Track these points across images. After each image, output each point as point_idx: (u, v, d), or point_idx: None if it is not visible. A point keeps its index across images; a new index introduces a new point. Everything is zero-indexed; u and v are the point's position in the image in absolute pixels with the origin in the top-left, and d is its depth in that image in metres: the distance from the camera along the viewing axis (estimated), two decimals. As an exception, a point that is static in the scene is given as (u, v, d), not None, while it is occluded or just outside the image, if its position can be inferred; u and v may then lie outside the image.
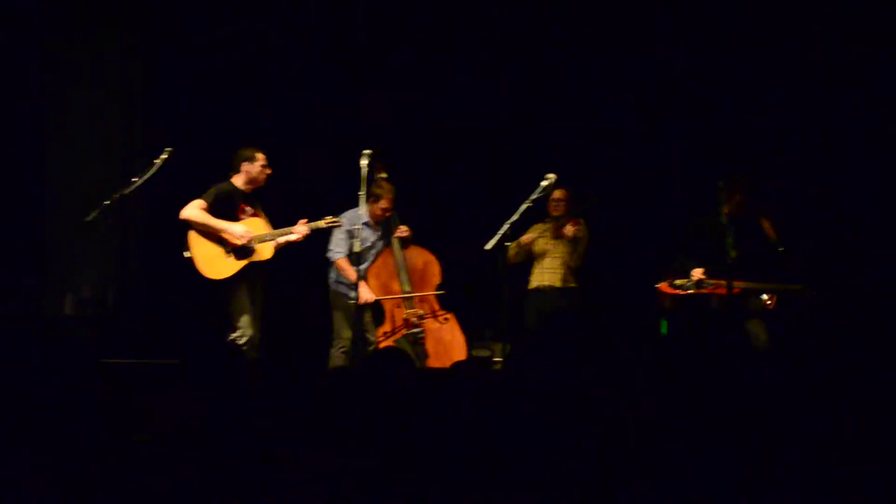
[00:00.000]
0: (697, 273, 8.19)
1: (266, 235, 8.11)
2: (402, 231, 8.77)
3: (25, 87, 9.84)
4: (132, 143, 9.98)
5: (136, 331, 9.09)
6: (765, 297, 8.12)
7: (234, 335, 8.01)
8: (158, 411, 4.06)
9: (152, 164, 8.28)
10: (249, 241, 8.01)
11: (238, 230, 8.00)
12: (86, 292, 9.18)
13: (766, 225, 8.29)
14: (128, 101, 10.10)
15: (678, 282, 8.24)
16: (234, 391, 4.21)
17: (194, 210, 7.98)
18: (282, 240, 8.16)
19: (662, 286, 8.29)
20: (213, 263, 8.01)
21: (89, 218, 8.18)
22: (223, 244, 8.03)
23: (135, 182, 8.31)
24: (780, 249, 8.18)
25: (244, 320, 8.04)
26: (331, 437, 3.91)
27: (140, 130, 10.03)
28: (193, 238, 8.02)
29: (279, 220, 8.26)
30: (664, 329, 8.46)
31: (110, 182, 9.08)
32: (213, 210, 8.00)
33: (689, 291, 8.19)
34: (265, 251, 8.11)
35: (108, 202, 8.18)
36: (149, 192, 8.89)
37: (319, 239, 8.52)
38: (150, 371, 6.29)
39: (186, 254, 8.00)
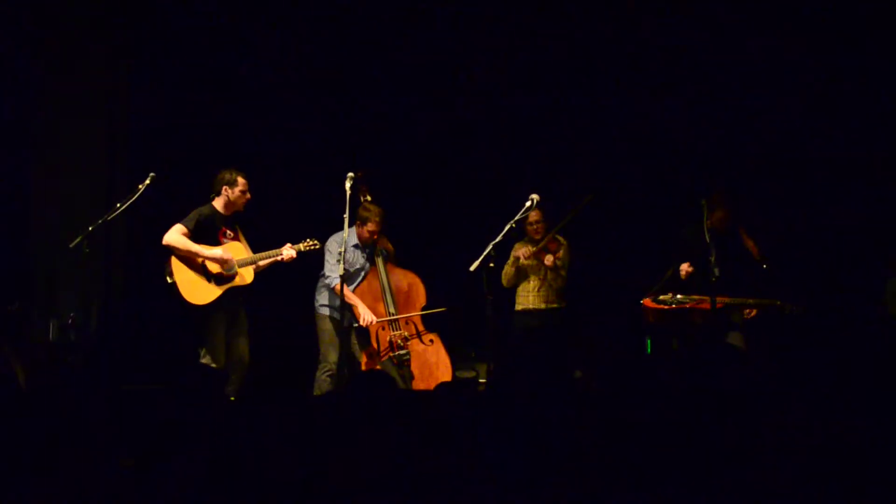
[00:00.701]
0: (685, 267, 8.27)
1: (247, 260, 8.10)
2: (385, 248, 8.80)
3: (10, 112, 9.83)
4: (116, 169, 9.96)
5: (119, 356, 9.05)
6: (746, 309, 8.17)
7: (206, 359, 8.01)
8: (143, 436, 4.04)
9: (136, 190, 8.26)
10: (231, 267, 7.99)
11: (219, 255, 7.99)
12: (69, 318, 9.14)
13: (747, 239, 8.33)
14: (112, 128, 10.09)
15: (662, 297, 8.27)
16: (218, 415, 4.20)
17: (176, 235, 7.95)
18: (262, 263, 8.15)
19: (646, 301, 8.31)
20: (195, 288, 7.98)
21: (73, 244, 8.17)
22: (204, 269, 8.02)
23: (118, 207, 8.29)
24: (765, 266, 8.21)
25: (217, 349, 8.02)
26: (319, 461, 3.90)
27: (124, 156, 10.01)
28: (175, 264, 7.99)
29: (260, 244, 8.26)
30: (649, 348, 8.49)
31: (94, 208, 9.08)
32: (194, 234, 7.98)
33: (673, 306, 8.21)
34: (246, 276, 8.11)
35: (91, 228, 8.17)
36: (132, 218, 8.90)
37: (301, 262, 8.49)
38: (134, 396, 6.26)
39: (169, 279, 7.97)
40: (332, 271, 8.50)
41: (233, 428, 4.15)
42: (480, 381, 9.01)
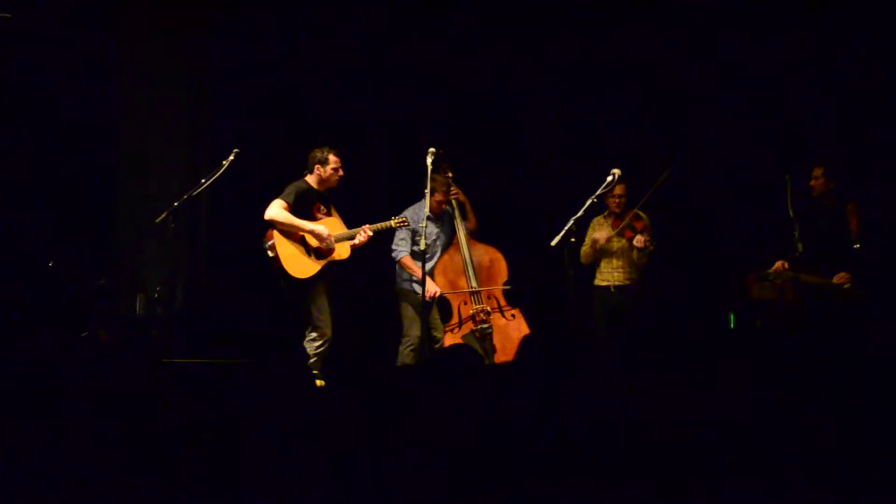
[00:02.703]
0: (778, 265, 8.22)
1: (343, 235, 8.16)
2: (469, 225, 8.82)
3: (96, 91, 9.94)
4: (200, 144, 10.06)
5: (204, 330, 9.16)
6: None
7: (312, 335, 8.07)
8: (225, 411, 4.09)
9: (220, 166, 8.36)
10: (330, 242, 8.05)
11: (321, 231, 8.05)
12: (156, 292, 9.27)
13: (852, 215, 8.18)
14: (195, 104, 10.18)
15: (764, 272, 8.25)
16: (304, 391, 4.24)
17: (279, 210, 7.99)
18: (356, 241, 8.19)
19: (751, 277, 8.30)
20: (297, 263, 8.03)
21: (159, 219, 8.30)
22: (304, 244, 8.07)
23: (203, 183, 8.40)
24: (856, 246, 8.07)
25: (324, 319, 8.08)
26: (399, 434, 3.92)
27: (208, 132, 10.10)
28: (277, 238, 8.01)
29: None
30: (732, 322, 8.42)
31: (179, 183, 9.20)
32: (292, 210, 8.03)
33: (777, 281, 8.18)
34: (343, 251, 8.15)
35: (176, 203, 8.29)
36: (217, 193, 9.00)
37: (384, 239, 8.54)
38: (217, 370, 6.34)
39: (270, 253, 8.01)
40: (399, 245, 8.63)
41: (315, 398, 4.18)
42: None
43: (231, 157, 8.34)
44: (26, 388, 4.25)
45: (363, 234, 8.19)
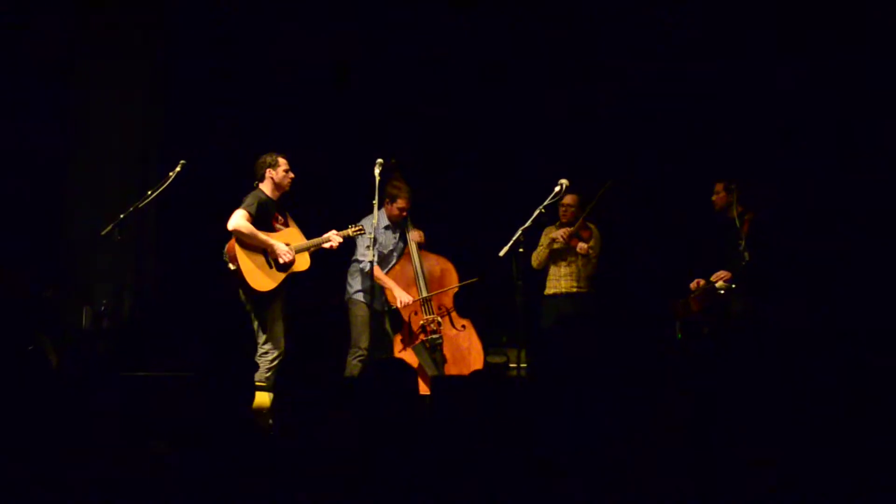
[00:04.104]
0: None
1: (302, 246, 8.10)
2: (416, 237, 8.81)
3: (46, 101, 9.89)
4: (148, 155, 10.01)
5: (151, 343, 9.11)
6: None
7: (266, 347, 7.96)
8: (173, 423, 4.07)
9: (167, 177, 8.31)
10: (292, 256, 7.98)
11: (282, 248, 7.94)
12: (102, 305, 9.20)
13: (746, 223, 8.33)
14: (145, 114, 10.14)
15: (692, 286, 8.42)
16: (246, 403, 4.22)
17: (243, 222, 7.81)
18: (313, 249, 8.15)
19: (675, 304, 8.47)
20: (259, 275, 7.89)
21: (105, 231, 8.22)
22: (265, 256, 7.93)
23: (149, 194, 8.34)
24: (743, 251, 8.20)
25: (279, 333, 7.99)
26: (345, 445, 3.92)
27: (156, 144, 10.06)
28: (240, 250, 7.85)
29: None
30: (679, 334, 8.50)
31: (126, 196, 9.14)
32: (253, 221, 7.88)
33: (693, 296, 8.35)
34: (303, 262, 8.08)
35: (122, 215, 8.22)
36: (163, 204, 8.95)
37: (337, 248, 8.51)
38: (165, 384, 6.30)
39: (232, 266, 7.87)
40: (366, 255, 8.50)
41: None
42: (511, 365, 9.02)
43: (178, 169, 8.26)
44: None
45: (335, 239, 8.16)
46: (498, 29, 10.10)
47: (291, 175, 8.13)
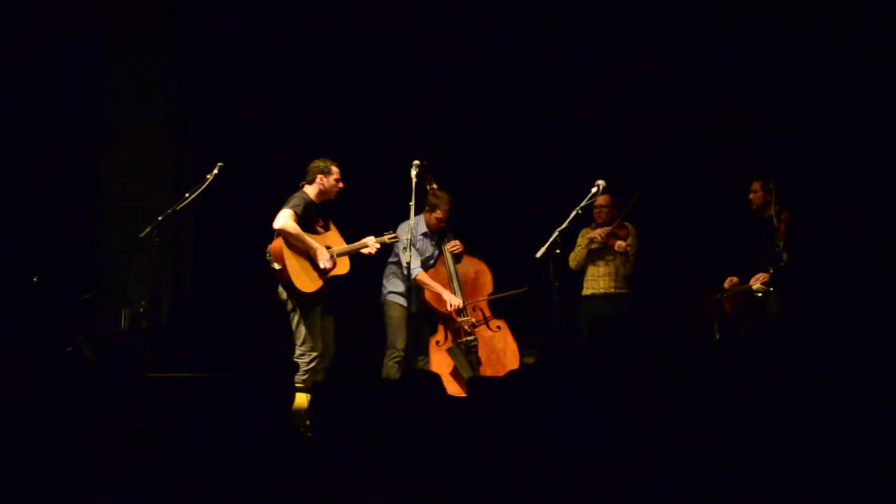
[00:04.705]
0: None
1: (344, 249, 8.10)
2: (455, 247, 8.79)
3: (78, 104, 9.94)
4: (184, 159, 10.06)
5: (189, 345, 9.13)
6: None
7: (303, 348, 7.97)
8: (211, 425, 4.08)
9: (204, 179, 8.34)
10: (334, 260, 7.99)
11: (324, 252, 7.93)
12: (140, 307, 9.24)
13: (783, 223, 8.29)
14: (179, 117, 10.18)
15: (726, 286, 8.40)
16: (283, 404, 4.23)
17: (290, 222, 7.80)
18: (351, 253, 8.15)
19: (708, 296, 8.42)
20: (304, 276, 7.89)
21: (143, 233, 8.27)
22: (309, 257, 7.94)
23: (187, 197, 8.38)
24: (781, 251, 8.16)
25: (317, 334, 7.99)
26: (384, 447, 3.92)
27: (191, 146, 10.10)
28: (286, 250, 7.83)
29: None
30: (717, 334, 8.46)
31: (163, 198, 9.18)
32: (298, 222, 7.88)
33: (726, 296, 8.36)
34: (343, 266, 8.09)
35: (160, 217, 8.26)
36: (201, 207, 8.98)
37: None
38: (201, 385, 6.32)
39: (277, 265, 7.85)
40: (413, 260, 8.40)
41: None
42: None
43: (215, 171, 8.31)
44: (11, 405, 4.24)
45: (373, 245, 8.16)
46: (530, 30, 10.07)
47: (341, 185, 8.11)
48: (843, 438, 3.91)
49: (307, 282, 7.92)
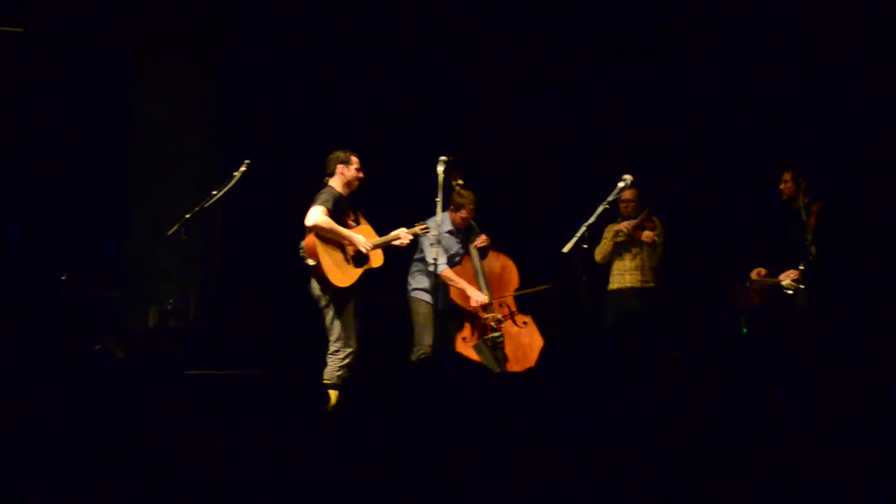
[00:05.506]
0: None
1: (376, 242, 8.10)
2: (482, 241, 8.79)
3: (106, 101, 9.99)
4: (211, 156, 10.09)
5: (217, 342, 9.17)
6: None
7: (337, 345, 7.95)
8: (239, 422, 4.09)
9: (231, 177, 8.37)
10: (369, 249, 7.99)
11: (361, 239, 7.95)
12: (169, 305, 9.27)
13: (814, 216, 8.26)
14: (207, 116, 10.22)
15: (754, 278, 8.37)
16: (315, 400, 4.24)
17: (323, 217, 7.79)
18: (383, 245, 8.16)
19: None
20: (340, 271, 7.88)
21: (171, 231, 8.31)
22: (343, 251, 7.95)
23: (214, 195, 8.41)
24: (810, 245, 8.12)
25: (350, 331, 7.97)
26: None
27: (218, 144, 10.14)
28: (321, 245, 7.82)
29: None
30: (745, 329, 8.43)
31: (190, 196, 9.21)
32: (330, 216, 7.87)
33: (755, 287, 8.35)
34: (377, 258, 8.09)
35: (188, 215, 8.30)
36: (229, 204, 9.00)
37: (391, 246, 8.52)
38: (231, 382, 6.35)
39: (311, 261, 7.83)
40: (438, 257, 8.41)
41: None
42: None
43: (242, 168, 8.35)
44: (38, 402, 4.26)
45: (405, 237, 8.17)
46: (554, 30, 10.07)
47: (361, 175, 8.11)
48: (870, 439, 3.89)
49: (341, 277, 7.91)
